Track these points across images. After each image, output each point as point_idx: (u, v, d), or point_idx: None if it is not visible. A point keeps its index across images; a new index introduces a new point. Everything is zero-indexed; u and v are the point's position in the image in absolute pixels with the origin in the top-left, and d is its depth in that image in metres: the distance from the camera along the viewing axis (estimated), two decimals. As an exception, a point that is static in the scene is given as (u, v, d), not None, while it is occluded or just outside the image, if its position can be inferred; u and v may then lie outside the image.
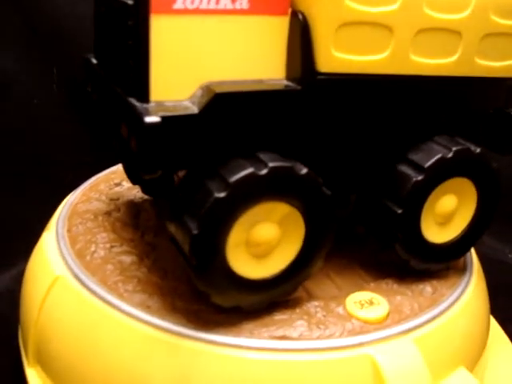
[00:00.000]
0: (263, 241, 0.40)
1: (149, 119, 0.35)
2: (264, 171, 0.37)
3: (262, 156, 0.39)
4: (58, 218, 0.53)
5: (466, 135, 0.48)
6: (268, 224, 0.40)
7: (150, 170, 0.37)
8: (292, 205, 0.40)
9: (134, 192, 0.58)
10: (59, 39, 0.76)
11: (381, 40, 0.41)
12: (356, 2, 0.38)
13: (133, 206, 0.56)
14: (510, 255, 0.82)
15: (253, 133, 0.39)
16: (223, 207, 0.37)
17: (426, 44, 0.43)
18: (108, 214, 0.54)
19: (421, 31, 0.42)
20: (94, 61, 0.47)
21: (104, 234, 0.51)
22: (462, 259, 0.52)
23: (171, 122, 0.36)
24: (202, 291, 0.40)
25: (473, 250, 0.55)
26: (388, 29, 0.41)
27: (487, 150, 0.46)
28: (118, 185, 0.59)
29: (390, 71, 0.42)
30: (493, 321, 0.60)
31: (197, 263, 0.38)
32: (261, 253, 0.41)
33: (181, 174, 0.43)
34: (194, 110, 0.37)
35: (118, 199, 0.57)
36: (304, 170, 0.39)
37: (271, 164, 0.38)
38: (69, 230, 0.51)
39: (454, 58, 0.44)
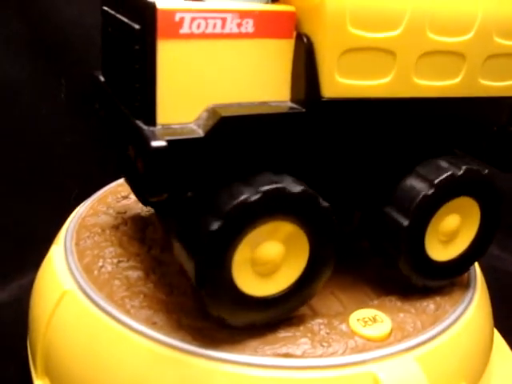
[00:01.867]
0: (268, 260, 0.41)
1: (155, 143, 0.35)
2: (257, 196, 0.38)
3: (258, 179, 0.39)
4: (67, 231, 0.54)
5: (471, 152, 0.48)
6: (272, 243, 0.41)
7: (157, 192, 0.38)
8: (293, 223, 0.40)
9: (141, 205, 0.58)
10: (67, 50, 0.77)
11: (384, 65, 0.41)
12: (359, 29, 0.39)
13: (140, 220, 0.56)
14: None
15: (258, 154, 0.40)
16: (221, 237, 0.38)
17: (429, 67, 0.43)
18: (115, 227, 0.55)
19: (424, 55, 0.42)
20: (102, 78, 0.48)
21: (111, 249, 0.51)
22: (466, 275, 0.52)
23: (177, 146, 0.36)
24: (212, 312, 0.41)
25: (477, 265, 0.55)
26: (391, 54, 0.41)
27: (492, 171, 0.47)
28: (125, 198, 0.60)
29: (394, 95, 0.43)
30: (496, 333, 0.60)
31: (204, 290, 0.39)
32: (267, 271, 0.41)
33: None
34: (200, 133, 0.37)
35: (125, 212, 0.57)
36: (298, 188, 0.39)
37: (263, 188, 0.38)
38: (77, 244, 0.52)
39: (458, 79, 0.45)
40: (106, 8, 0.45)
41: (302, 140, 0.40)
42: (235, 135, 0.38)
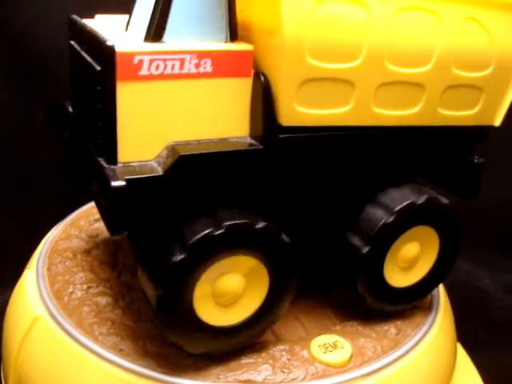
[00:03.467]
0: (229, 292, 0.42)
1: (115, 183, 0.37)
2: (220, 231, 0.39)
3: (221, 214, 0.40)
4: (39, 256, 0.55)
5: (432, 179, 0.50)
6: (233, 276, 0.42)
7: (118, 229, 0.39)
8: (254, 257, 0.41)
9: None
10: (44, 72, 0.78)
11: (343, 94, 0.42)
12: (318, 60, 0.40)
13: (111, 243, 0.57)
14: (486, 280, 0.84)
15: (218, 189, 0.41)
16: (184, 269, 0.39)
17: (388, 96, 0.44)
18: (87, 252, 0.56)
19: (383, 85, 0.43)
20: (70, 109, 0.49)
21: (82, 274, 0.52)
22: (428, 297, 0.54)
23: (137, 184, 0.38)
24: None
25: (440, 285, 0.56)
26: (350, 84, 0.42)
27: (451, 201, 0.48)
28: (97, 220, 0.61)
29: (353, 123, 0.44)
30: (461, 350, 0.62)
31: (164, 319, 0.40)
32: (228, 302, 0.42)
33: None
34: (159, 171, 0.39)
35: (97, 236, 0.58)
36: (261, 224, 0.40)
37: (227, 223, 0.39)
38: (48, 269, 0.53)
39: (417, 108, 0.46)
40: (72, 42, 0.46)
41: (262, 175, 0.42)
42: (194, 172, 0.39)
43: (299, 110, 0.41)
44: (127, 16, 0.44)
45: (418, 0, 0.42)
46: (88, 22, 0.45)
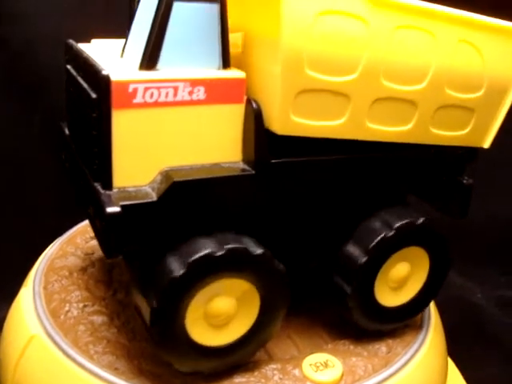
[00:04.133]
0: (221, 313, 0.43)
1: (110, 209, 0.38)
2: (221, 252, 0.40)
3: (220, 236, 0.41)
4: (36, 274, 0.56)
5: (424, 198, 0.51)
6: (225, 298, 0.43)
7: (114, 252, 0.40)
8: (248, 281, 0.42)
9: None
10: (42, 89, 0.79)
11: (338, 107, 0.43)
12: (316, 71, 0.40)
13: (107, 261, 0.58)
14: (478, 295, 0.85)
15: (211, 213, 0.42)
16: (181, 285, 0.40)
17: (382, 112, 0.45)
18: (83, 270, 0.56)
19: (378, 100, 0.44)
20: (67, 131, 0.50)
21: (78, 293, 0.53)
22: (419, 315, 0.54)
23: (132, 209, 0.39)
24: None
25: (432, 304, 0.57)
26: (346, 97, 0.42)
27: (438, 220, 0.49)
28: (93, 238, 0.61)
29: (347, 136, 0.44)
30: (452, 366, 0.62)
31: (157, 335, 0.41)
32: (219, 323, 0.43)
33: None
34: (154, 196, 0.39)
35: (93, 253, 0.59)
36: (258, 251, 0.41)
37: (228, 246, 0.40)
38: (45, 288, 0.54)
39: (409, 126, 0.46)
40: (69, 67, 0.47)
41: (254, 199, 0.42)
42: (187, 198, 0.40)
43: (295, 119, 0.41)
44: (123, 40, 0.45)
45: (415, 19, 0.43)
46: (84, 47, 0.46)
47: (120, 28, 0.47)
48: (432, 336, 0.53)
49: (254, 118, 0.41)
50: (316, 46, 0.40)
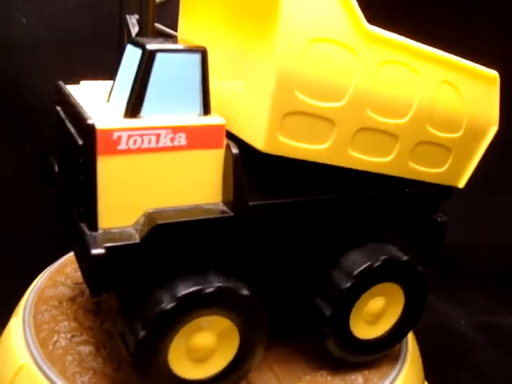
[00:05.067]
0: (202, 348, 0.45)
1: (95, 251, 0.40)
2: (210, 289, 0.42)
3: (210, 274, 0.43)
4: (26, 303, 0.58)
5: (398, 235, 0.52)
6: (207, 333, 0.44)
7: (99, 292, 0.42)
8: (229, 318, 0.44)
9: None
10: (32, 118, 0.81)
11: (323, 132, 0.44)
12: (305, 95, 0.42)
13: (96, 290, 0.60)
14: (461, 321, 0.86)
15: (193, 253, 0.44)
16: (169, 317, 0.42)
17: (364, 142, 0.46)
18: (72, 299, 0.58)
19: (361, 129, 0.45)
20: (56, 168, 0.52)
21: (66, 323, 0.55)
22: (397, 346, 0.56)
23: (116, 250, 0.41)
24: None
25: (410, 334, 0.59)
26: (331, 123, 0.44)
27: (414, 256, 0.51)
28: (83, 267, 0.63)
29: (329, 162, 0.45)
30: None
31: (140, 365, 0.43)
32: (200, 357, 0.45)
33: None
34: (136, 238, 0.41)
35: (82, 283, 0.61)
36: (245, 292, 0.44)
37: (217, 284, 0.43)
38: (34, 317, 0.56)
39: (389, 158, 0.48)
40: (58, 109, 0.49)
41: (233, 239, 0.44)
42: (169, 239, 0.42)
43: (281, 139, 0.43)
44: (111, 82, 0.47)
45: (402, 56, 0.45)
46: (73, 90, 0.48)
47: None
48: (408, 366, 0.55)
49: (233, 163, 0.43)
50: (307, 70, 0.41)
